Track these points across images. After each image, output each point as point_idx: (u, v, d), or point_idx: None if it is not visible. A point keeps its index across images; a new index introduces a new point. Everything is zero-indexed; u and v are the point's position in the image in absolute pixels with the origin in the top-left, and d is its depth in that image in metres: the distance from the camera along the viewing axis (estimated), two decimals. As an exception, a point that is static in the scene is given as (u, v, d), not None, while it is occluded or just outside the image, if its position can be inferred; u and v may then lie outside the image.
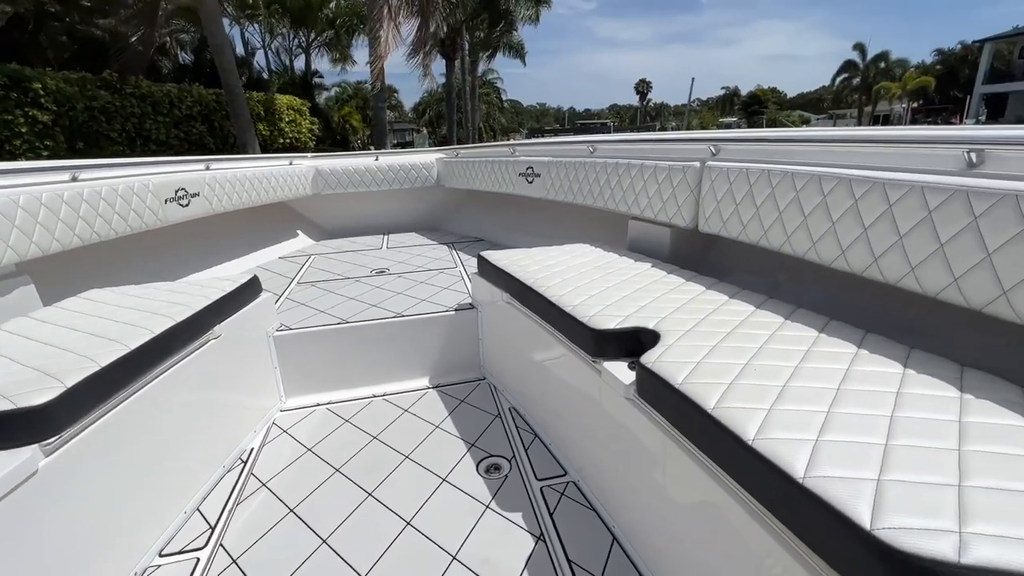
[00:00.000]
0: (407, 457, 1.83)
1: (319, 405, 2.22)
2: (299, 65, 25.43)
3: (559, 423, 1.83)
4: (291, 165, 3.73)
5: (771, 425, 0.87)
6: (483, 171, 3.52)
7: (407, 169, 4.05)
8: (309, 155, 4.08)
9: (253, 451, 1.91)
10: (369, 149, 13.59)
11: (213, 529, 1.52)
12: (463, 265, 3.15)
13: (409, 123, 42.40)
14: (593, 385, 1.48)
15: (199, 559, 1.41)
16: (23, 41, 14.35)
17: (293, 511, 1.58)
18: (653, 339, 1.29)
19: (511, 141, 4.41)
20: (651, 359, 1.16)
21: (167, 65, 19.81)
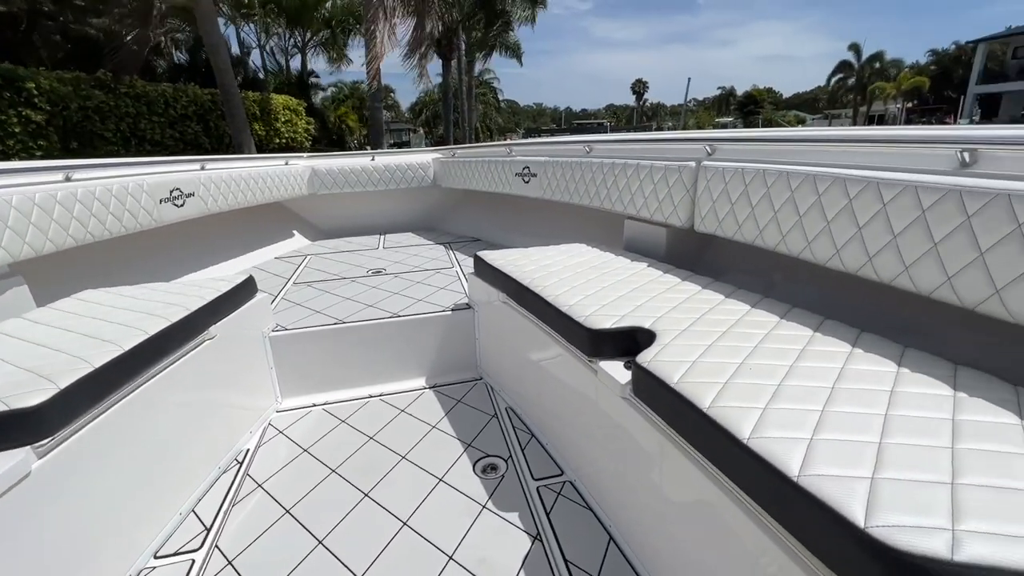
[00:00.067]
0: (404, 457, 1.82)
1: (315, 406, 2.21)
2: (295, 65, 25.40)
3: (556, 423, 1.83)
4: (287, 165, 3.72)
5: (766, 424, 0.88)
6: (479, 171, 3.52)
7: (403, 169, 4.04)
8: (305, 155, 4.07)
9: (249, 452, 1.90)
10: (366, 149, 13.57)
11: (209, 530, 1.52)
12: (460, 265, 3.15)
13: (406, 123, 42.34)
14: (589, 385, 1.48)
15: (194, 560, 1.41)
16: (16, 40, 14.26)
17: (289, 512, 1.58)
18: (649, 338, 1.29)
19: (508, 141, 4.41)
20: (647, 358, 1.17)
21: (162, 65, 19.72)
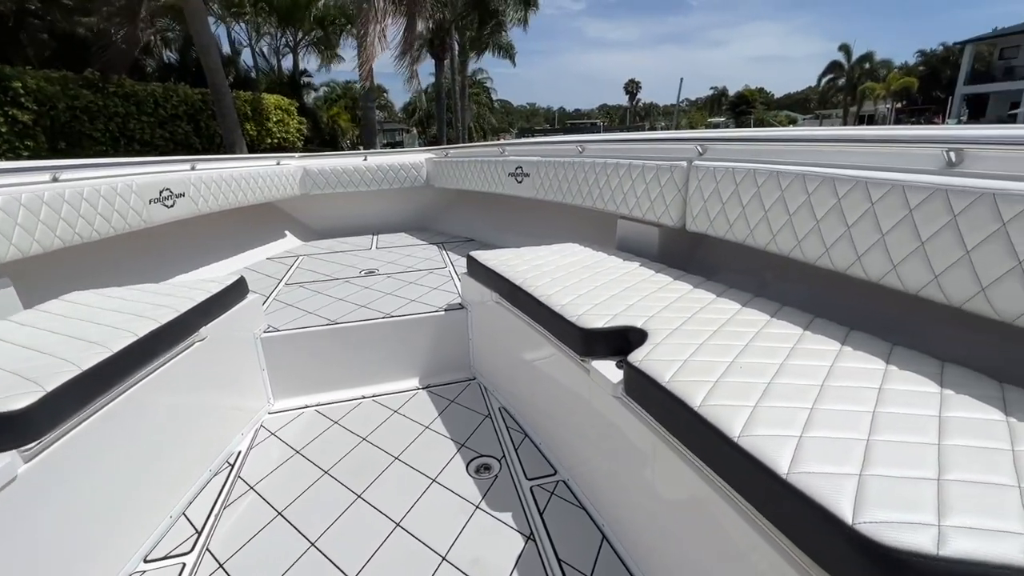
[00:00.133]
0: (397, 458, 1.82)
1: (308, 407, 2.20)
2: (287, 64, 25.25)
3: (549, 422, 1.83)
4: (278, 165, 3.70)
5: (756, 422, 0.88)
6: (472, 171, 3.51)
7: (396, 169, 4.03)
8: (297, 155, 4.05)
9: (240, 454, 1.89)
10: (358, 149, 13.52)
11: (200, 533, 1.50)
12: (453, 265, 3.14)
13: (399, 123, 42.20)
14: (582, 384, 1.49)
15: (185, 564, 1.39)
16: (2, 39, 14.08)
17: (281, 514, 1.57)
18: (641, 338, 1.29)
19: (500, 141, 4.41)
20: (638, 358, 1.17)
21: (152, 64, 19.54)
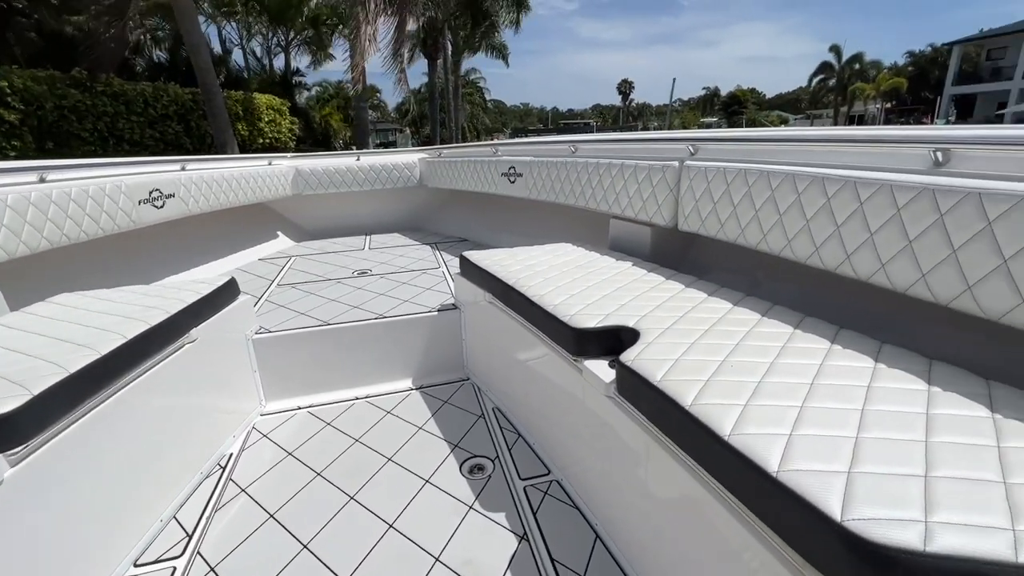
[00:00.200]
0: (390, 459, 1.81)
1: (300, 408, 2.19)
2: (279, 64, 25.10)
3: (542, 422, 1.83)
4: (270, 165, 3.67)
5: (747, 420, 0.89)
6: (466, 171, 3.51)
7: (389, 169, 4.02)
8: (289, 155, 4.02)
9: (232, 456, 1.87)
10: (351, 149, 13.46)
11: (190, 537, 1.49)
12: (446, 265, 3.13)
13: (392, 123, 42.07)
14: (575, 384, 1.49)
15: (176, 568, 1.38)
16: (-12, 38, 13.89)
17: (273, 516, 1.56)
18: (633, 337, 1.29)
19: (494, 141, 4.40)
20: (630, 357, 1.17)
21: (141, 63, 19.35)
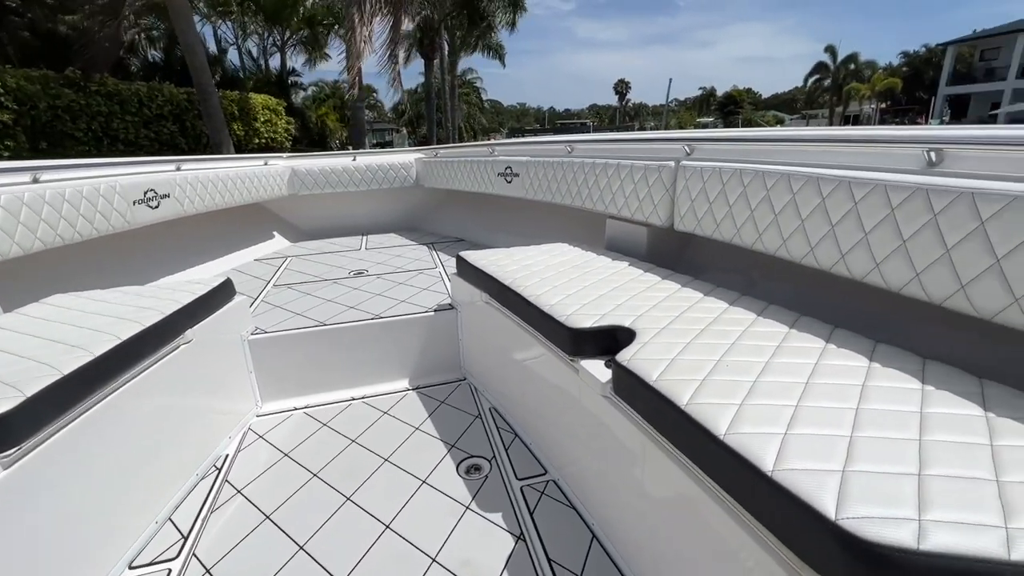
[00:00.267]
0: (386, 460, 1.81)
1: (296, 409, 2.18)
2: (275, 64, 25.01)
3: (539, 422, 1.83)
4: (266, 165, 3.66)
5: (742, 420, 0.89)
6: (462, 171, 3.51)
7: (385, 169, 4.01)
8: (285, 155, 4.01)
9: (228, 457, 1.87)
10: (347, 149, 13.43)
11: (186, 538, 1.48)
12: (443, 265, 3.13)
13: (388, 123, 42.00)
14: (571, 384, 1.49)
15: (171, 570, 1.37)
16: (-19, 37, 13.80)
17: (269, 518, 1.55)
18: (629, 337, 1.30)
19: (490, 141, 4.40)
20: (626, 357, 1.18)
21: (136, 63, 19.25)
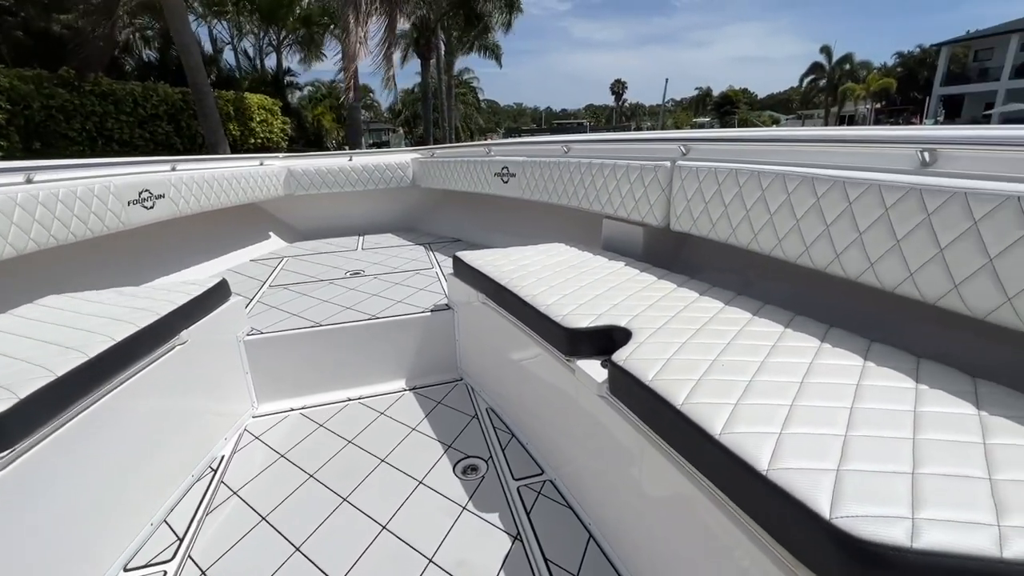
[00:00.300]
0: (383, 461, 1.81)
1: (292, 410, 2.18)
2: (271, 64, 24.94)
3: (536, 422, 1.83)
4: (262, 166, 3.65)
5: (737, 419, 0.89)
6: (459, 171, 3.50)
7: (382, 169, 4.01)
8: (281, 155, 4.00)
9: (223, 459, 1.86)
10: (344, 149, 13.41)
11: (181, 540, 1.48)
12: (439, 266, 3.13)
13: (385, 123, 41.92)
14: (568, 384, 1.49)
15: (166, 572, 1.37)
16: (-26, 36, 13.70)
17: (265, 519, 1.55)
18: (625, 337, 1.30)
19: (487, 141, 4.40)
20: (622, 357, 1.18)
21: (131, 63, 19.16)
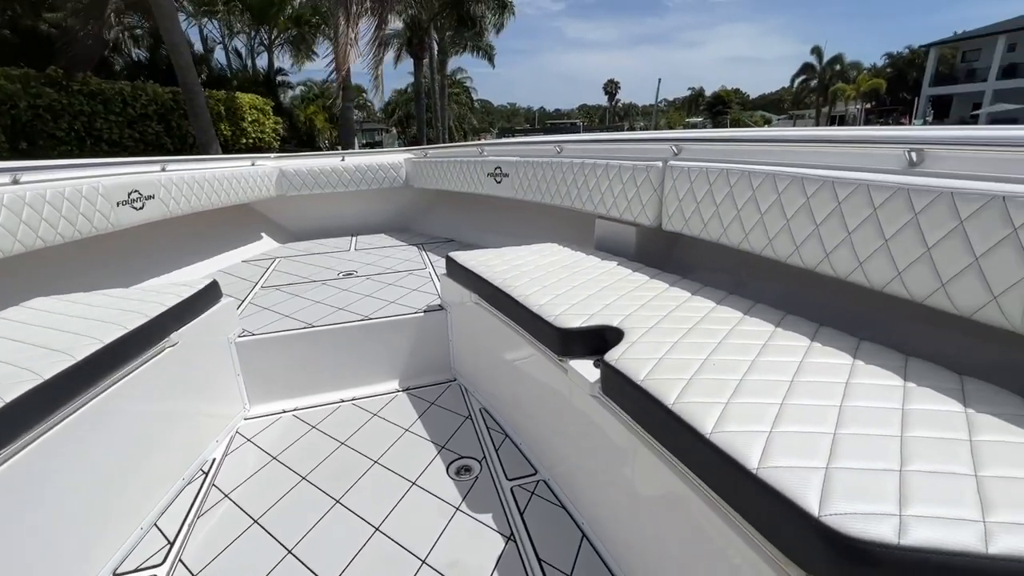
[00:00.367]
0: (376, 462, 1.80)
1: (285, 412, 2.16)
2: (262, 63, 24.78)
3: (529, 422, 1.83)
4: (253, 166, 3.63)
5: (728, 418, 0.90)
6: (452, 171, 3.50)
7: (375, 169, 3.99)
8: (273, 155, 3.97)
9: (215, 461, 1.84)
10: (336, 149, 13.34)
11: (172, 544, 1.46)
12: (432, 266, 3.12)
13: (378, 123, 41.78)
14: (561, 384, 1.49)
15: None
16: (-41, 35, 13.51)
17: (257, 522, 1.54)
18: (617, 337, 1.30)
19: (480, 141, 4.39)
20: (614, 356, 1.18)
21: (120, 62, 18.96)
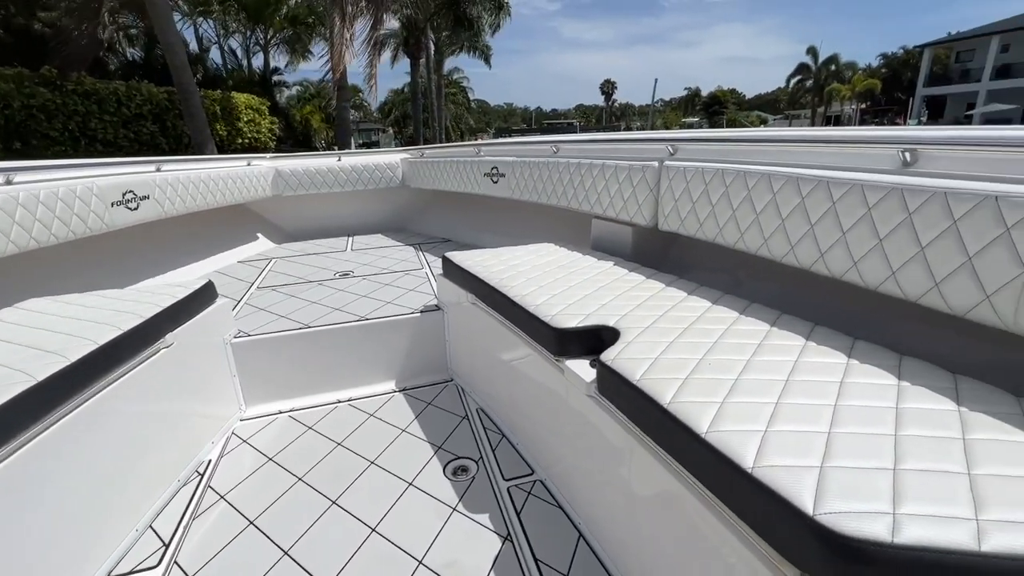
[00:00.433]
0: (372, 463, 1.80)
1: (281, 413, 2.16)
2: (258, 63, 24.72)
3: (526, 423, 1.83)
4: (249, 166, 3.61)
5: (723, 418, 0.90)
6: (448, 171, 3.50)
7: (371, 169, 3.98)
8: (269, 155, 3.96)
9: (211, 463, 1.84)
10: (333, 149, 13.31)
11: (167, 546, 1.46)
12: (429, 266, 3.12)
13: (375, 123, 41.71)
14: (557, 384, 1.49)
15: None
16: (-48, 34, 13.43)
17: (253, 523, 1.53)
18: (613, 336, 1.31)
19: (477, 141, 4.39)
20: (611, 356, 1.18)
21: (115, 62, 18.87)
